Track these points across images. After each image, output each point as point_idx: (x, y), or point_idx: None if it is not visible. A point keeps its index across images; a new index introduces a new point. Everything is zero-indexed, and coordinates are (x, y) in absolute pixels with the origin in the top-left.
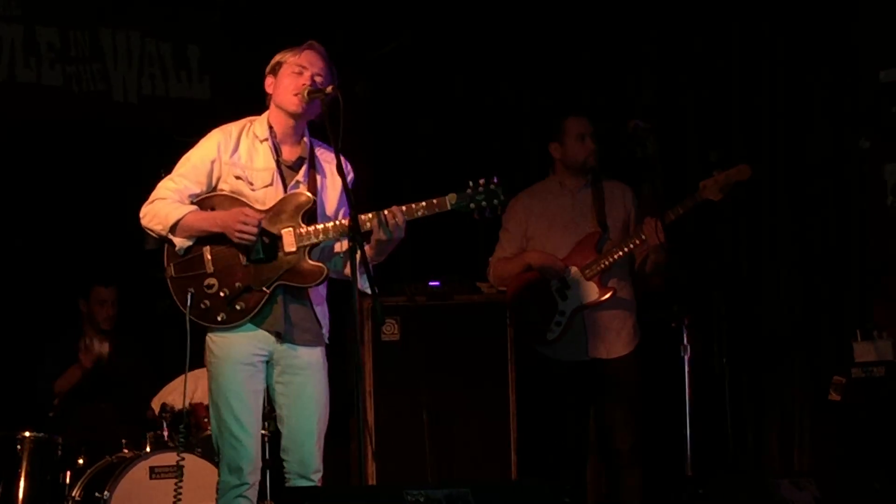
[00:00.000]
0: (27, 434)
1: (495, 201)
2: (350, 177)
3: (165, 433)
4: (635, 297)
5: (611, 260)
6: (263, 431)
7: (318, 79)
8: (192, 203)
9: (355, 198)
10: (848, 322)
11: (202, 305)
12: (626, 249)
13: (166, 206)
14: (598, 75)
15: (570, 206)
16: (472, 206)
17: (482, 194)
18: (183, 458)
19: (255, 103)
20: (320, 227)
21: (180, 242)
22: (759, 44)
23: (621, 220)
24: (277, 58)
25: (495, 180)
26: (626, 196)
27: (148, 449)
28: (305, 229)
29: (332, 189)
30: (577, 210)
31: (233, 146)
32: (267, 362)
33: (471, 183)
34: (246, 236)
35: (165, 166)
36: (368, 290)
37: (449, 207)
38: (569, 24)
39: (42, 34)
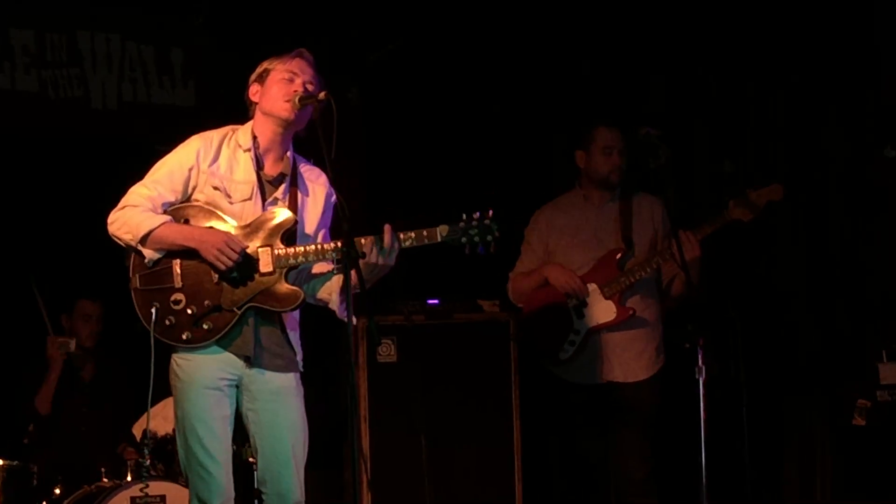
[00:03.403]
0: (0, 462)
1: (489, 237)
2: (333, 198)
3: (147, 461)
4: (661, 317)
5: (633, 279)
6: (252, 459)
7: (309, 87)
8: (164, 212)
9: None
10: (873, 342)
11: (167, 322)
12: (650, 268)
13: (137, 214)
14: (604, 81)
15: (594, 221)
16: (463, 240)
17: (475, 228)
18: (147, 486)
19: (244, 110)
20: (301, 248)
21: (150, 254)
22: (774, 46)
23: (648, 237)
24: (264, 65)
25: (490, 214)
26: (655, 211)
27: (129, 478)
28: (284, 250)
29: (313, 208)
30: (602, 225)
31: (213, 155)
32: (236, 386)
33: (464, 216)
34: (224, 259)
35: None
36: (350, 319)
37: (439, 240)
38: (572, 29)
39: (16, 37)
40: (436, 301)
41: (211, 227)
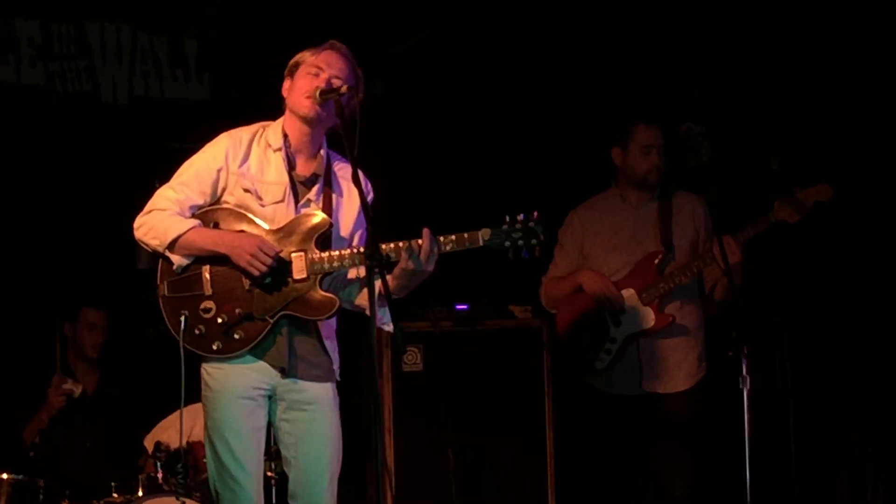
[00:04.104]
0: (4, 476)
1: (534, 241)
2: (370, 196)
3: (160, 475)
4: (702, 324)
5: (672, 283)
6: (270, 473)
7: (336, 81)
8: (193, 216)
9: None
10: None
11: (196, 331)
12: (690, 272)
13: (165, 218)
14: (642, 74)
15: (632, 222)
16: (507, 244)
17: (519, 232)
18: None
19: (261, 105)
20: (335, 253)
21: (178, 261)
22: (823, 38)
23: (689, 239)
24: (296, 58)
25: (535, 216)
26: (697, 211)
27: (140, 493)
28: (318, 255)
29: (348, 209)
30: (640, 226)
31: (242, 155)
32: (269, 397)
33: (507, 218)
34: (258, 265)
35: (160, 176)
36: (389, 327)
37: (481, 244)
38: (609, 19)
39: (22, 28)
40: (464, 306)
41: (242, 231)
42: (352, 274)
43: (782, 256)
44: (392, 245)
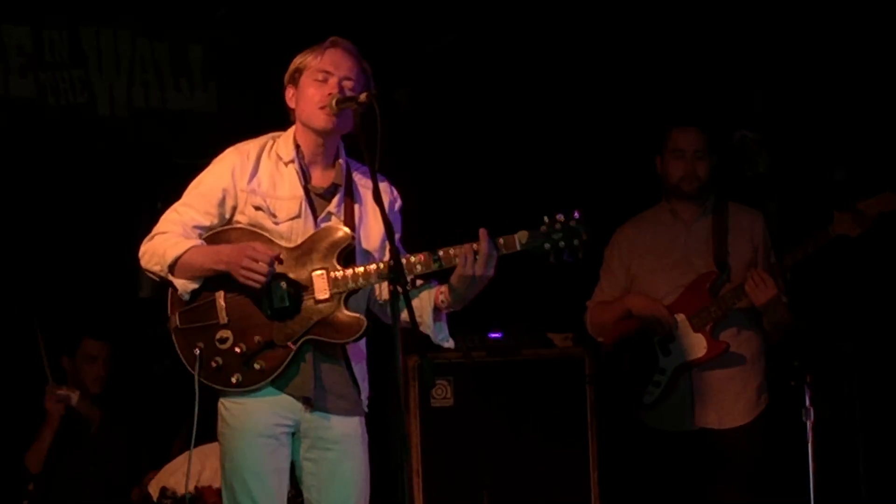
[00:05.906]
0: None
1: (576, 241)
2: (398, 204)
3: None
4: (762, 352)
5: (727, 307)
6: None
7: (347, 84)
8: (201, 238)
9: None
10: None
11: (213, 364)
12: (746, 296)
13: (166, 241)
14: (697, 78)
15: (684, 240)
16: (546, 246)
17: (560, 232)
18: None
19: (273, 116)
20: (360, 269)
21: (182, 285)
22: (888, 37)
23: (746, 259)
24: (296, 63)
25: (576, 215)
26: (756, 227)
27: None
28: (342, 272)
29: (373, 221)
30: (692, 245)
31: (251, 170)
32: (292, 435)
33: (546, 218)
34: (254, 276)
35: (163, 195)
36: (449, 343)
37: (518, 248)
38: (663, 17)
39: (10, 35)
40: (498, 334)
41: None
42: (383, 295)
43: (847, 275)
44: (421, 257)
